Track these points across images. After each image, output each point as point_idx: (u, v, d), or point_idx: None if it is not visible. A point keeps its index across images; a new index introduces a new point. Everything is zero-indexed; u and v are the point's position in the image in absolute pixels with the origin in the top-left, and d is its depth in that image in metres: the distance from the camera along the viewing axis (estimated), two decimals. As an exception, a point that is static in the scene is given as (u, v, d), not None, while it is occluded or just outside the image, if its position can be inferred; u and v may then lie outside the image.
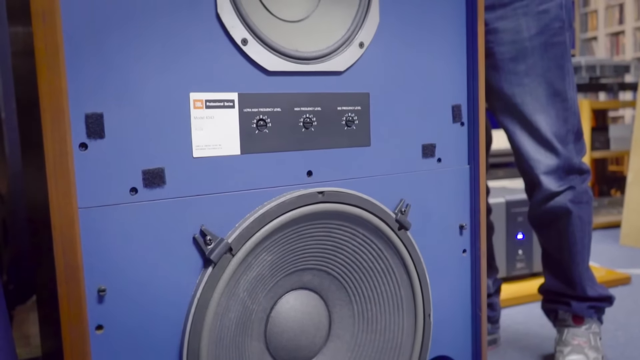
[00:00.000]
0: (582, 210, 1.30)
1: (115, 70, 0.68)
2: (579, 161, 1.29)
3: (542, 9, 1.23)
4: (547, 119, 1.25)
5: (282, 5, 0.79)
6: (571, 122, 1.26)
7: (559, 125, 1.25)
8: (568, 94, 1.25)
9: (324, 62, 0.81)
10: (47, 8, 0.62)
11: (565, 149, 1.26)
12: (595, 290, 1.36)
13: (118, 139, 0.69)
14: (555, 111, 1.25)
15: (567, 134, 1.26)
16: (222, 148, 0.75)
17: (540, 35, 1.23)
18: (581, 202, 1.30)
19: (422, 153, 0.92)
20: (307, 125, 0.81)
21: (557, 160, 1.26)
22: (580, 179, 1.29)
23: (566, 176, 1.27)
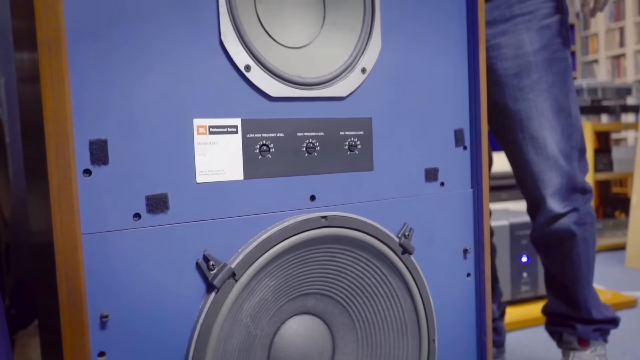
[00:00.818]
0: (586, 232, 1.28)
1: (120, 97, 0.68)
2: (582, 180, 1.27)
3: (545, 24, 1.22)
4: (554, 135, 1.23)
5: (285, 32, 0.80)
6: (575, 138, 1.25)
7: (565, 142, 1.23)
8: (572, 109, 1.24)
9: (327, 88, 0.82)
10: (53, 37, 0.63)
11: (570, 166, 1.24)
12: (600, 312, 1.35)
13: (122, 165, 0.69)
14: (561, 127, 1.23)
15: (571, 151, 1.24)
16: (225, 173, 0.76)
17: (543, 50, 1.22)
18: (585, 223, 1.28)
19: (425, 177, 0.92)
20: (310, 150, 0.81)
21: (561, 178, 1.23)
22: (583, 199, 1.27)
23: (570, 196, 1.25)
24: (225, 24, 0.74)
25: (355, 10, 0.84)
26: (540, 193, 1.25)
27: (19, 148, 1.72)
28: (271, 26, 0.79)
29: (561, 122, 1.23)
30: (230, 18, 0.74)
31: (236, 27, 0.74)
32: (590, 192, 1.29)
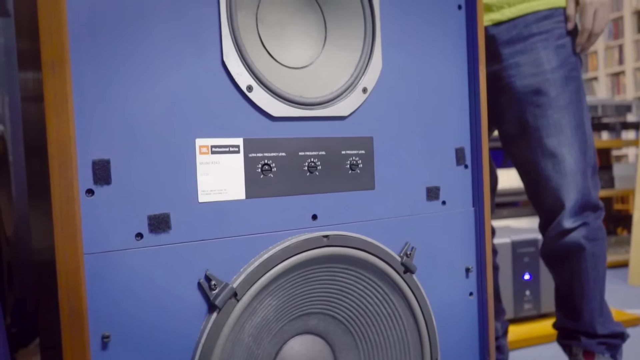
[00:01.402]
0: (596, 247, 1.29)
1: (123, 117, 0.69)
2: (596, 197, 1.28)
3: (561, 43, 1.25)
4: (572, 152, 1.24)
5: (287, 53, 0.81)
6: (589, 155, 1.27)
7: (581, 159, 1.25)
8: (586, 127, 1.26)
9: (328, 108, 0.82)
10: (57, 58, 0.64)
11: (585, 183, 1.25)
12: (606, 327, 1.34)
13: (124, 185, 0.69)
14: (578, 144, 1.24)
15: (586, 167, 1.26)
16: (227, 193, 0.76)
17: (560, 68, 1.24)
18: (595, 238, 1.29)
19: (427, 196, 0.93)
20: (311, 169, 0.82)
21: (578, 194, 1.24)
22: (594, 215, 1.28)
23: (582, 212, 1.26)
24: (227, 44, 0.74)
25: (356, 31, 0.85)
26: (556, 208, 1.27)
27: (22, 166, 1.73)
28: (273, 47, 0.80)
29: (578, 139, 1.24)
30: (233, 39, 0.75)
31: (238, 47, 0.75)
32: (601, 209, 1.31)
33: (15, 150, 1.73)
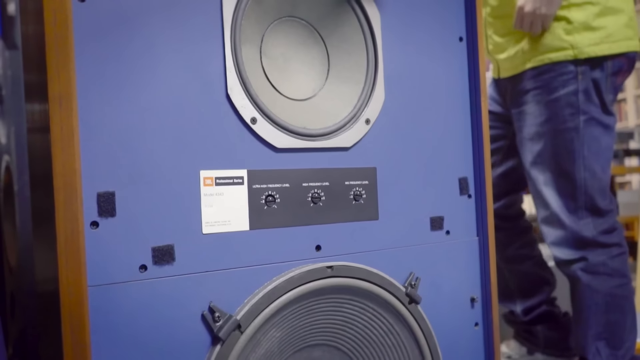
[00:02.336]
0: (595, 281, 1.37)
1: (128, 150, 0.69)
2: (594, 235, 1.35)
3: (553, 97, 1.34)
4: (554, 195, 1.37)
5: (290, 85, 0.82)
6: (582, 200, 1.35)
7: (567, 202, 1.36)
8: (577, 175, 1.35)
9: (331, 139, 0.83)
10: (64, 93, 0.64)
11: (576, 223, 1.35)
12: (601, 356, 1.37)
13: (129, 217, 0.69)
14: (563, 190, 1.36)
15: (576, 210, 1.36)
16: (231, 224, 0.76)
17: (548, 122, 1.35)
18: (596, 272, 1.36)
19: (431, 226, 0.92)
20: (315, 200, 0.82)
21: (563, 232, 1.37)
22: (597, 252, 1.35)
23: (579, 247, 1.36)
24: (231, 78, 0.75)
25: (359, 64, 0.86)
26: (545, 241, 1.42)
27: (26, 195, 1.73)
28: (277, 79, 0.81)
29: (561, 186, 1.37)
30: (237, 72, 0.76)
31: (242, 81, 0.76)
32: (612, 245, 1.37)
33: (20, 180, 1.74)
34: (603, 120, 1.35)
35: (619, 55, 1.34)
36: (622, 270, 1.38)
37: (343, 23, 0.86)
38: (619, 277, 1.37)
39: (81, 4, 0.67)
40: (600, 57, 1.32)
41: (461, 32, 0.96)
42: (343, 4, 0.85)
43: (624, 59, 1.35)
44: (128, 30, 0.70)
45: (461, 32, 0.96)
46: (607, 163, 1.37)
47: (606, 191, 1.38)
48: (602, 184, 1.36)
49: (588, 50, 1.32)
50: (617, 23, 1.34)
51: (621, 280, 1.37)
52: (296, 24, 0.84)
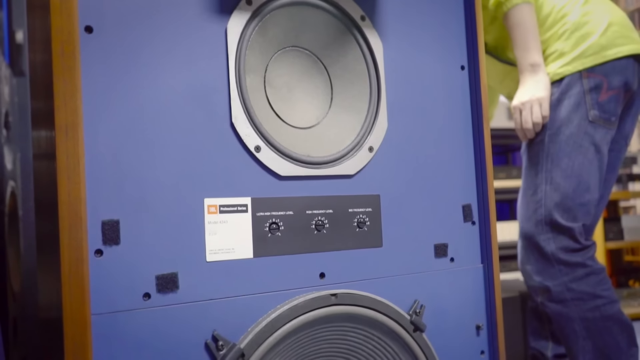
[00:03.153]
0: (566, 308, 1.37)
1: (133, 178, 0.70)
2: (553, 250, 1.37)
3: None
4: (520, 210, 1.45)
5: (294, 114, 0.82)
6: (541, 213, 1.38)
7: (529, 215, 1.41)
8: (539, 187, 1.39)
9: (335, 167, 0.83)
10: (71, 122, 0.65)
11: (538, 238, 1.39)
12: None
13: (133, 245, 0.70)
14: (527, 202, 1.42)
15: (537, 224, 1.39)
16: (235, 252, 0.76)
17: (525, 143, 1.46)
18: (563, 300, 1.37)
19: (435, 253, 0.92)
20: (319, 227, 0.82)
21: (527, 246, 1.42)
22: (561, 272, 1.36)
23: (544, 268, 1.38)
24: (236, 107, 0.76)
25: (362, 93, 0.87)
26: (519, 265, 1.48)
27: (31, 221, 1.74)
28: (281, 108, 0.81)
29: (527, 199, 1.43)
30: (241, 101, 0.77)
31: (246, 109, 0.77)
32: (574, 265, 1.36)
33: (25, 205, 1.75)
34: (577, 138, 1.36)
35: (592, 70, 1.37)
36: (594, 292, 1.35)
37: (346, 53, 0.87)
38: (592, 299, 1.35)
39: (88, 35, 0.68)
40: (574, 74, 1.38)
41: (463, 60, 0.97)
42: (346, 34, 0.87)
43: (600, 76, 1.37)
44: (134, 61, 0.71)
45: (463, 60, 0.97)
46: (583, 184, 1.37)
47: (575, 212, 1.37)
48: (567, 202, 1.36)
49: (559, 72, 1.39)
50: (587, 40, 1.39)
51: (595, 302, 1.35)
52: (300, 53, 0.85)
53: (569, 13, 1.42)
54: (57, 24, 0.66)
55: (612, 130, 1.39)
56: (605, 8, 1.43)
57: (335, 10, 0.86)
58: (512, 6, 1.39)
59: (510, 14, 1.39)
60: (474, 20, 0.97)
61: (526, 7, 1.39)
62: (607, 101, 1.37)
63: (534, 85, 1.38)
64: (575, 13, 1.41)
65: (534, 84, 1.38)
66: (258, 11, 0.79)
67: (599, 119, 1.37)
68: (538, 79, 1.38)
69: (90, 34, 0.69)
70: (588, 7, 1.42)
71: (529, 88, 1.38)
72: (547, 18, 1.43)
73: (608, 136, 1.39)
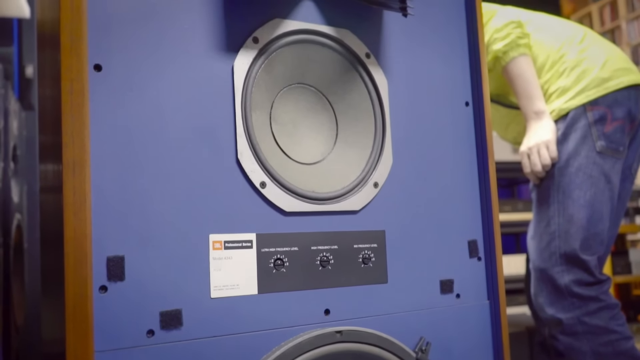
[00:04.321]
0: (577, 342, 1.35)
1: (139, 215, 0.70)
2: (566, 283, 1.36)
3: None
4: (532, 243, 1.44)
5: (299, 149, 0.83)
6: (555, 245, 1.38)
7: (542, 247, 1.40)
8: (552, 220, 1.39)
9: (340, 202, 0.83)
10: (78, 160, 0.66)
11: (551, 270, 1.38)
12: None
13: (137, 281, 0.69)
14: (539, 234, 1.42)
15: (550, 256, 1.38)
16: (239, 288, 0.76)
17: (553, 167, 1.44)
18: (575, 333, 1.34)
19: (441, 289, 0.92)
20: (324, 263, 0.82)
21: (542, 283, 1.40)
22: (573, 305, 1.34)
23: (557, 300, 1.36)
24: (242, 143, 0.77)
25: (367, 129, 0.87)
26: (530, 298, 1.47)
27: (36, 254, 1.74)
28: (286, 144, 0.82)
29: (540, 230, 1.42)
30: (247, 138, 0.77)
31: (252, 146, 0.77)
32: (587, 299, 1.35)
33: (30, 238, 1.75)
34: (586, 169, 1.37)
35: (595, 102, 1.39)
36: (607, 327, 1.34)
37: (351, 89, 0.88)
38: (605, 333, 1.33)
39: (97, 73, 0.70)
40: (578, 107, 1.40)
41: (467, 96, 0.98)
42: (351, 71, 0.88)
43: (603, 108, 1.39)
44: (142, 98, 0.72)
45: (467, 96, 0.98)
46: (596, 214, 1.37)
47: (589, 241, 1.36)
48: (581, 232, 1.36)
49: (565, 107, 1.42)
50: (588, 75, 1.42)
51: (608, 336, 1.33)
52: (305, 90, 0.86)
53: (567, 53, 1.46)
54: (66, 62, 0.67)
55: (621, 160, 1.40)
56: (600, 45, 1.48)
57: (341, 47, 0.87)
58: (510, 59, 1.44)
59: (509, 67, 1.44)
60: (478, 56, 0.98)
61: (524, 58, 1.44)
62: (612, 131, 1.38)
63: (540, 130, 1.41)
64: (573, 52, 1.45)
65: (539, 129, 1.41)
66: (264, 49, 0.80)
67: (606, 150, 1.38)
68: (543, 124, 1.41)
69: (99, 72, 0.70)
70: (584, 45, 1.47)
71: (535, 133, 1.41)
72: (545, 63, 1.48)
73: (617, 166, 1.40)
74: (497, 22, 1.46)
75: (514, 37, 1.44)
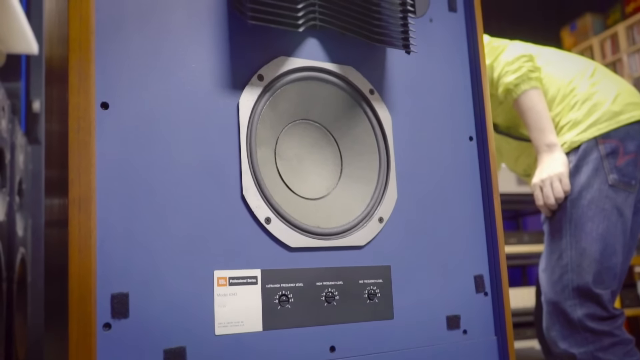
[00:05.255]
0: None
1: (144, 251, 0.70)
2: (579, 317, 1.34)
3: None
4: (544, 276, 1.43)
5: (304, 185, 0.83)
6: (568, 278, 1.36)
7: (554, 281, 1.39)
8: (565, 252, 1.38)
9: (345, 238, 0.83)
10: (84, 196, 0.66)
11: (564, 304, 1.36)
12: None
13: (141, 318, 0.69)
14: (552, 267, 1.41)
15: (563, 289, 1.37)
16: (244, 325, 0.75)
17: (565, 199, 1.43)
18: None
19: (447, 325, 0.91)
20: (329, 299, 0.81)
21: (555, 316, 1.38)
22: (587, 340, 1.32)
23: (570, 334, 1.34)
24: (247, 179, 0.77)
25: (371, 164, 0.88)
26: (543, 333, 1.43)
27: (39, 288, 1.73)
28: (291, 179, 0.82)
29: (552, 263, 1.41)
30: (252, 174, 0.78)
31: (257, 182, 0.78)
32: (600, 334, 1.33)
33: (34, 272, 1.75)
34: (599, 202, 1.37)
35: (607, 135, 1.40)
36: None
37: (355, 125, 0.88)
38: None
39: (104, 111, 0.70)
40: (590, 140, 1.41)
41: (471, 131, 0.98)
42: (355, 106, 0.88)
43: (615, 141, 1.40)
44: (148, 135, 0.73)
45: (471, 131, 0.98)
46: (609, 247, 1.36)
47: (603, 275, 1.35)
48: (594, 266, 1.34)
49: (577, 139, 1.42)
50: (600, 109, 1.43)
51: None
52: (310, 126, 0.86)
53: (578, 86, 1.47)
54: (74, 101, 0.68)
55: (633, 193, 1.40)
56: (611, 79, 1.49)
57: (345, 84, 0.88)
58: (521, 92, 1.44)
59: (521, 99, 1.45)
60: (481, 91, 0.99)
61: (535, 91, 1.45)
62: (625, 165, 1.38)
63: (552, 162, 1.41)
64: (584, 85, 1.46)
65: (551, 161, 1.41)
66: (269, 86, 0.81)
67: (618, 183, 1.38)
68: (555, 157, 1.41)
69: (105, 110, 0.70)
70: (595, 78, 1.47)
71: (548, 166, 1.41)
72: (555, 96, 1.49)
73: (630, 199, 1.40)
74: (508, 56, 1.48)
75: (525, 70, 1.45)
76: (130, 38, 0.74)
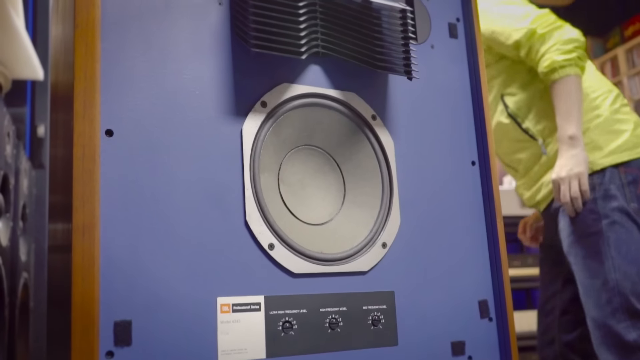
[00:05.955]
0: None
1: (146, 278, 0.70)
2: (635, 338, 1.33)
3: None
4: (589, 301, 1.40)
5: (307, 211, 0.83)
6: (617, 301, 1.35)
7: (602, 305, 1.37)
8: (609, 276, 1.36)
9: (348, 263, 0.83)
10: (88, 224, 0.66)
11: (616, 327, 1.34)
12: None
13: (144, 346, 0.69)
14: (597, 292, 1.38)
15: (613, 313, 1.35)
16: (247, 352, 0.75)
17: (574, 233, 1.44)
18: None
19: (452, 351, 0.90)
20: (333, 325, 0.81)
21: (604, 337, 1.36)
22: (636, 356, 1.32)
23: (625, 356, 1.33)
24: (250, 206, 0.77)
25: (374, 190, 0.88)
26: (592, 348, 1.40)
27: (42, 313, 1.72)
28: (294, 205, 0.82)
29: (597, 288, 1.38)
30: (255, 200, 0.78)
31: (260, 208, 0.78)
32: None
33: (37, 297, 1.74)
34: (628, 226, 1.38)
35: (628, 164, 1.41)
36: None
37: (358, 150, 0.89)
38: None
39: (109, 138, 0.71)
40: (613, 167, 1.42)
41: (473, 156, 0.98)
42: (357, 132, 0.89)
43: (636, 170, 1.42)
44: (152, 162, 0.73)
45: (473, 156, 0.98)
46: None
47: None
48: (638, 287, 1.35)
49: (600, 162, 1.43)
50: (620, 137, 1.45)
51: None
52: (313, 151, 0.87)
53: (600, 107, 1.48)
54: (79, 128, 0.68)
55: None
56: (628, 109, 1.52)
57: (347, 110, 0.88)
58: (565, 75, 1.41)
59: (561, 82, 1.42)
60: (482, 116, 0.99)
61: (577, 79, 1.42)
62: None
63: (572, 159, 1.39)
64: (604, 109, 1.47)
65: (571, 158, 1.39)
66: (272, 113, 0.82)
67: (639, 212, 1.40)
68: (575, 153, 1.39)
69: (110, 137, 0.71)
70: (615, 106, 1.49)
71: (567, 162, 1.39)
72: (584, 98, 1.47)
73: None
74: (564, 34, 1.45)
75: (576, 56, 1.42)
76: (135, 65, 0.75)
